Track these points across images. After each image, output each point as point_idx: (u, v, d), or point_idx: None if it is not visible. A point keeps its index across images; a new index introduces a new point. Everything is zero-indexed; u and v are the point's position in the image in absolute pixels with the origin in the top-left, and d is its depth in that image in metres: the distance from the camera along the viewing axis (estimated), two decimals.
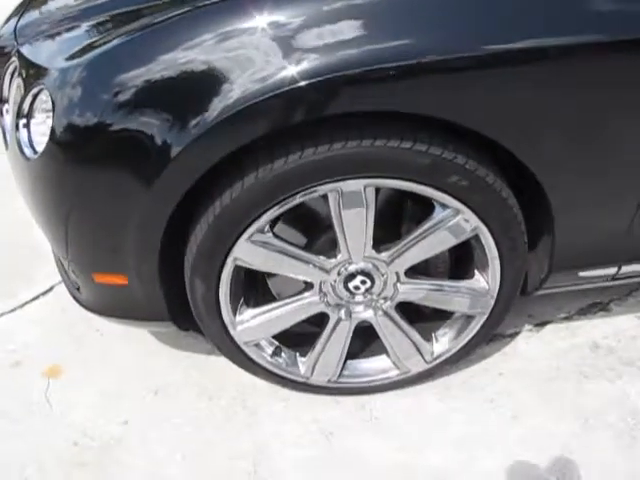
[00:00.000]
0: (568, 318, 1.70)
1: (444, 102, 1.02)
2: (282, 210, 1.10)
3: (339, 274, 1.24)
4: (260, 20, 1.02)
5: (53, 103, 1.11)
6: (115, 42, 1.12)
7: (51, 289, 1.94)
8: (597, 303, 1.74)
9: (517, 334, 1.65)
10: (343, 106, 1.00)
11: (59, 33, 1.30)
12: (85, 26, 1.29)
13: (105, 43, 1.14)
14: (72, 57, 1.15)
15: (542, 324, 1.68)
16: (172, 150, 1.03)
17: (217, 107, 1.00)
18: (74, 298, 1.43)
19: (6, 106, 1.40)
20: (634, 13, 1.03)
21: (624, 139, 1.13)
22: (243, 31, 1.02)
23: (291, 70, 0.98)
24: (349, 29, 0.99)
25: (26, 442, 1.44)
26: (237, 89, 0.99)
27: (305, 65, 0.98)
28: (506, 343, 1.63)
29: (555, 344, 1.62)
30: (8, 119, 1.36)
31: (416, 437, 1.39)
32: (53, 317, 1.81)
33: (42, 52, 1.26)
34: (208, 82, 1.02)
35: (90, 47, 1.15)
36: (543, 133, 1.08)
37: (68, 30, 1.31)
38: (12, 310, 1.86)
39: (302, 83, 0.98)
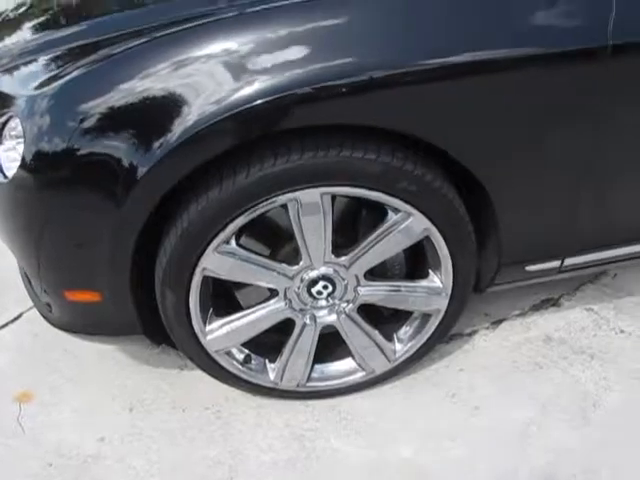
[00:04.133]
0: (522, 314, 1.80)
1: (390, 113, 1.11)
2: (246, 220, 1.16)
3: (302, 280, 1.32)
4: (213, 48, 1.10)
5: (23, 130, 1.16)
6: (78, 72, 1.18)
7: (20, 316, 1.95)
8: (548, 299, 1.85)
9: (475, 332, 1.74)
10: (295, 122, 1.09)
11: (24, 64, 1.34)
12: (48, 57, 1.34)
13: (69, 73, 1.19)
14: (39, 86, 1.21)
15: (498, 321, 1.78)
16: (138, 171, 1.10)
17: (178, 129, 1.07)
18: (45, 318, 1.47)
19: None
20: (559, 29, 1.15)
21: (557, 143, 1.24)
22: (197, 58, 1.09)
23: (244, 91, 1.06)
24: (295, 51, 1.07)
25: None
26: (195, 112, 1.07)
27: (257, 86, 1.06)
28: (465, 341, 1.71)
29: (511, 339, 1.71)
30: None
31: (385, 434, 1.46)
32: (23, 343, 1.82)
33: (9, 82, 1.31)
34: (168, 107, 1.09)
35: (55, 77, 1.21)
36: (483, 140, 1.19)
37: (32, 61, 1.35)
38: None
39: (255, 102, 1.06)
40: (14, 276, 1.98)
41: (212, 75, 1.08)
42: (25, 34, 1.58)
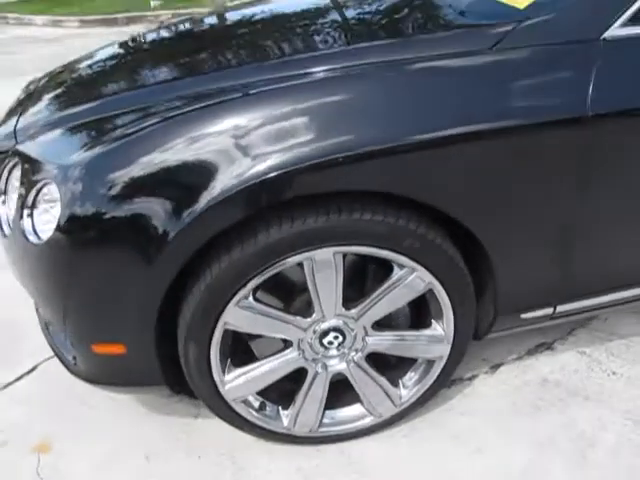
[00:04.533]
0: (518, 358, 1.89)
1: (394, 180, 1.23)
2: (265, 277, 1.27)
3: (314, 331, 1.41)
4: (229, 125, 1.22)
5: (60, 195, 1.27)
6: (105, 147, 1.29)
7: (35, 368, 2.02)
8: (543, 343, 1.94)
9: (475, 377, 1.83)
10: (307, 190, 1.21)
11: (56, 134, 1.46)
12: (74, 129, 1.46)
13: (97, 146, 1.31)
14: (72, 156, 1.32)
15: (496, 366, 1.87)
16: (168, 234, 1.20)
17: (204, 198, 1.19)
18: (69, 370, 1.54)
19: (2, 197, 1.55)
20: (543, 101, 1.28)
21: (546, 202, 1.36)
22: (216, 134, 1.22)
23: (261, 165, 1.18)
24: (306, 127, 1.21)
25: None
26: (219, 183, 1.18)
27: (272, 161, 1.18)
28: (466, 385, 1.80)
29: (509, 382, 1.80)
30: (4, 210, 1.51)
31: (392, 477, 1.53)
32: (39, 395, 1.87)
33: (44, 151, 1.42)
34: (193, 179, 1.21)
35: (88, 147, 1.32)
36: (480, 202, 1.31)
37: (60, 132, 1.47)
38: None
39: (271, 174, 1.18)
40: (28, 328, 2.07)
41: (232, 150, 1.21)
42: (47, 106, 1.70)
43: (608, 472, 1.51)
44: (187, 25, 2.29)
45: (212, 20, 2.33)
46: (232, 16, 2.30)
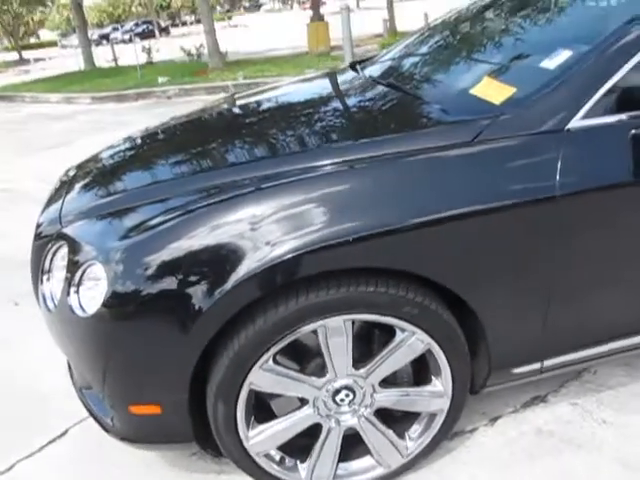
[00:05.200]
0: (515, 411, 2.05)
1: (395, 257, 1.44)
2: (285, 343, 1.46)
3: (328, 390, 1.59)
4: (254, 213, 1.45)
5: (105, 274, 1.48)
6: (144, 234, 1.51)
7: (66, 432, 2.17)
8: (537, 396, 2.10)
9: (475, 429, 1.99)
10: (319, 268, 1.42)
11: (94, 221, 1.69)
12: (114, 215, 1.69)
13: (136, 232, 1.53)
14: (114, 241, 1.54)
15: (495, 418, 2.02)
16: (201, 309, 1.41)
17: (232, 278, 1.40)
18: (106, 431, 1.70)
19: (47, 276, 1.76)
20: (519, 185, 1.50)
21: (527, 271, 1.56)
22: (243, 222, 1.44)
23: (279, 249, 1.40)
24: (314, 216, 1.43)
25: None
26: (244, 266, 1.40)
27: (288, 245, 1.40)
28: (467, 437, 1.95)
29: (507, 434, 1.95)
30: (49, 286, 1.72)
31: None
32: (71, 457, 2.03)
33: (87, 235, 1.64)
34: (223, 261, 1.42)
35: (126, 234, 1.54)
36: (470, 274, 1.52)
37: (100, 219, 1.70)
38: (29, 455, 2.08)
39: (287, 257, 1.39)
40: (56, 395, 2.24)
41: (256, 236, 1.42)
42: (82, 194, 1.94)
43: None
44: (205, 114, 2.56)
45: (225, 110, 2.60)
46: (243, 106, 2.57)
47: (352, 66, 2.59)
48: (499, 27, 2.17)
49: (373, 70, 2.40)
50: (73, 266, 1.59)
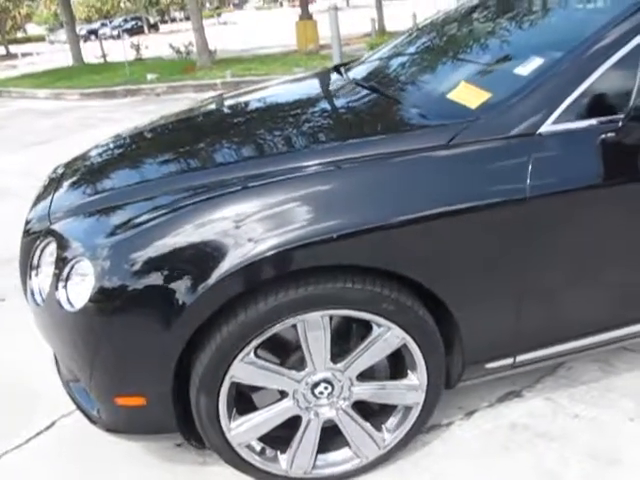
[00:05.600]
0: (490, 405, 2.11)
1: (372, 256, 1.50)
2: (265, 337, 1.51)
3: (307, 383, 1.64)
4: (236, 212, 1.50)
5: (92, 270, 1.52)
6: (130, 232, 1.56)
7: (53, 424, 2.21)
8: (512, 391, 2.17)
9: (451, 423, 2.05)
10: (298, 265, 1.48)
11: (82, 218, 1.73)
12: (102, 212, 1.73)
13: (124, 229, 1.57)
14: (101, 238, 1.58)
15: (470, 412, 2.09)
16: (185, 303, 1.46)
17: (215, 274, 1.45)
18: (92, 422, 1.75)
19: (35, 271, 1.80)
20: (490, 187, 1.57)
21: (498, 270, 1.63)
22: (227, 220, 1.50)
23: (261, 246, 1.45)
24: (296, 215, 1.49)
25: None
26: (227, 262, 1.45)
27: (269, 242, 1.45)
28: (443, 430, 2.02)
29: (482, 427, 2.02)
30: (37, 281, 1.76)
31: None
32: (57, 448, 2.08)
33: (75, 232, 1.69)
34: (208, 257, 1.47)
35: (113, 231, 1.59)
36: (444, 271, 1.58)
37: (89, 216, 1.74)
38: (17, 447, 2.12)
39: (269, 254, 1.44)
40: (43, 388, 2.28)
41: (240, 233, 1.48)
42: (69, 192, 1.98)
43: None
44: (193, 114, 2.60)
45: (213, 110, 2.65)
46: (232, 105, 2.62)
47: (336, 68, 2.65)
48: (477, 34, 2.24)
49: (356, 73, 2.45)
50: (61, 262, 1.63)
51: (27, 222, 1.98)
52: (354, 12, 30.84)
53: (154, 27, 45.48)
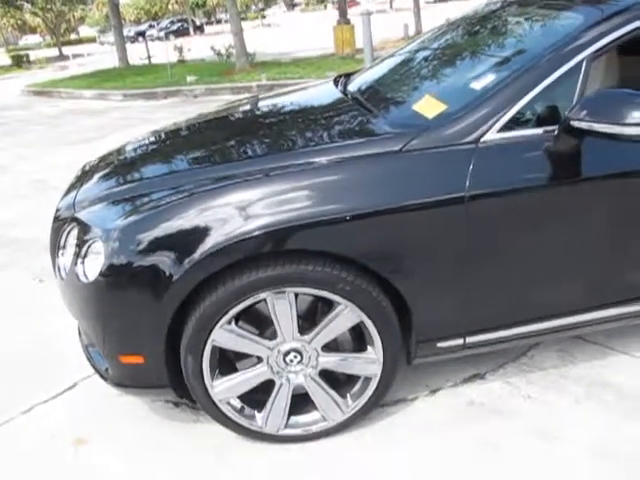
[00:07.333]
0: (454, 385, 2.36)
1: (331, 242, 1.79)
2: (240, 308, 1.81)
3: (279, 351, 1.94)
4: (229, 199, 1.81)
5: (103, 249, 1.85)
6: (138, 215, 1.88)
7: (75, 385, 2.57)
8: (477, 374, 2.41)
9: (416, 398, 2.30)
10: (270, 248, 1.77)
11: (103, 206, 2.07)
12: (116, 202, 2.06)
13: (133, 215, 1.90)
14: (113, 222, 1.91)
15: (435, 390, 2.34)
16: (173, 277, 1.77)
17: (200, 250, 1.76)
18: (104, 379, 2.09)
19: (61, 251, 2.15)
20: (432, 184, 1.83)
21: (442, 261, 1.88)
22: (216, 207, 1.80)
23: (241, 229, 1.75)
24: (272, 205, 1.78)
25: None
26: (211, 240, 1.76)
27: (246, 227, 1.75)
28: (407, 405, 2.27)
29: (443, 403, 2.27)
30: (63, 260, 2.10)
31: (344, 470, 2.00)
32: (77, 405, 2.44)
33: (94, 218, 2.02)
34: (194, 237, 1.78)
35: (125, 216, 1.92)
36: (393, 258, 1.85)
37: (106, 205, 2.08)
38: (44, 401, 2.49)
39: (246, 236, 1.75)
40: (70, 354, 2.64)
41: (226, 217, 1.78)
42: (97, 184, 2.33)
43: (511, 465, 1.97)
44: (221, 114, 2.95)
45: (241, 111, 2.98)
46: (256, 108, 2.95)
47: (335, 80, 2.94)
48: (449, 52, 2.50)
49: (350, 84, 2.74)
50: (81, 243, 1.97)
51: (57, 210, 2.34)
52: (396, 15, 30.97)
53: (199, 29, 46.54)
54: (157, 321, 1.83)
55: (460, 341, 2.05)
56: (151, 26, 42.15)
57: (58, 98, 13.39)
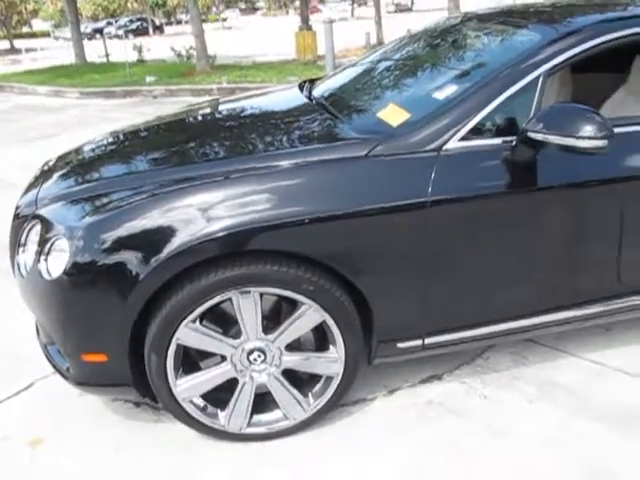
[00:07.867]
0: (412, 386, 2.43)
1: (295, 243, 1.83)
2: (206, 307, 1.83)
3: (242, 350, 1.96)
4: (192, 200, 1.83)
5: (68, 247, 1.84)
6: (102, 215, 1.88)
7: (32, 385, 2.53)
8: (434, 375, 2.48)
9: (375, 398, 2.36)
10: (235, 248, 1.80)
11: (66, 204, 2.05)
12: (84, 200, 2.05)
13: (99, 213, 1.90)
14: (78, 221, 1.90)
15: (393, 390, 2.40)
16: (139, 276, 1.78)
17: (165, 250, 1.77)
18: (65, 378, 2.06)
19: (22, 249, 2.11)
20: (394, 190, 1.89)
21: (402, 263, 1.95)
22: (180, 208, 1.82)
23: (205, 230, 1.78)
24: (238, 207, 1.81)
25: None
26: (177, 240, 1.77)
27: (212, 227, 1.78)
28: (367, 404, 2.32)
29: (402, 402, 2.33)
30: (24, 257, 2.07)
31: (305, 468, 2.03)
32: (34, 404, 2.40)
33: (57, 215, 2.00)
34: (159, 237, 1.79)
35: (89, 215, 1.91)
36: (355, 260, 1.90)
37: (72, 202, 2.06)
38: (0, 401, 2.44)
39: (212, 236, 1.77)
40: (23, 354, 2.58)
41: (190, 218, 1.80)
42: (58, 182, 2.30)
43: (468, 460, 2.04)
44: (182, 116, 2.95)
45: (202, 113, 2.99)
46: (217, 111, 2.96)
47: (300, 85, 2.99)
48: (413, 63, 2.59)
49: (313, 89, 2.79)
50: (44, 240, 1.95)
51: (17, 207, 2.30)
52: (358, 23, 31.31)
53: (159, 29, 45.95)
54: (122, 319, 1.83)
55: (419, 342, 2.11)
56: (109, 23, 41.38)
57: (10, 93, 13.01)
